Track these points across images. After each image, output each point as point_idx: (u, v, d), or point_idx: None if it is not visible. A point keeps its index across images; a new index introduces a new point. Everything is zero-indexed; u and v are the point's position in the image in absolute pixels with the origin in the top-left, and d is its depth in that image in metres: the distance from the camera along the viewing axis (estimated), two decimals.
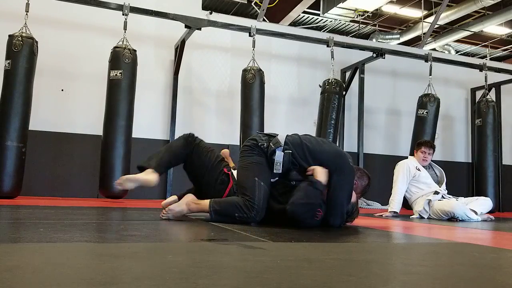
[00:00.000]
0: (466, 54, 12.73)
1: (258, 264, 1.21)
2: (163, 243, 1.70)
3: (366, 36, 11.61)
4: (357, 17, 10.67)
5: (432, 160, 4.54)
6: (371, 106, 6.86)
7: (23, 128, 4.47)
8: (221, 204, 2.52)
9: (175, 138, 2.72)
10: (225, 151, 2.88)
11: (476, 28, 10.49)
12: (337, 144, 6.22)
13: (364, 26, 11.58)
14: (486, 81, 6.67)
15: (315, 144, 2.62)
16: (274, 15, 9.00)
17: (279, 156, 2.54)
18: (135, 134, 5.10)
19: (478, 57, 12.26)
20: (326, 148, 2.63)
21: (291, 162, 2.55)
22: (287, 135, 2.66)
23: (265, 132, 2.88)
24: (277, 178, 2.60)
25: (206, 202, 2.54)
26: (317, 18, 10.93)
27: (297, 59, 6.75)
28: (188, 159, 2.77)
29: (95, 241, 1.63)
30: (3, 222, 2.25)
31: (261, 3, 7.30)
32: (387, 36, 11.28)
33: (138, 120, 5.24)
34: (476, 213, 4.03)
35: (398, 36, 11.28)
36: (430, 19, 9.97)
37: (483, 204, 4.19)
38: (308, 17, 10.94)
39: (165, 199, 5.83)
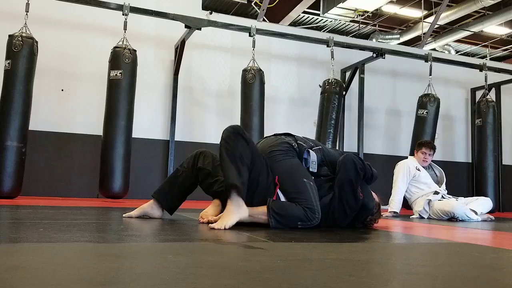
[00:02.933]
0: (466, 54, 12.73)
1: (258, 264, 1.21)
2: (163, 243, 1.70)
3: (366, 36, 11.61)
4: (357, 17, 10.67)
5: (432, 160, 4.54)
6: (371, 106, 6.87)
7: (23, 128, 4.47)
8: (280, 212, 2.30)
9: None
10: None
11: (476, 28, 10.49)
12: (337, 144, 6.23)
13: (364, 26, 11.58)
14: (486, 81, 6.67)
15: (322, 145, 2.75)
16: (274, 15, 9.00)
17: (313, 155, 2.53)
18: (135, 134, 5.11)
19: (478, 57, 12.26)
20: (331, 151, 2.74)
21: (321, 159, 2.57)
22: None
23: (278, 132, 2.73)
24: None
25: (262, 209, 2.31)
26: (317, 18, 10.93)
27: (297, 59, 6.75)
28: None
29: (95, 241, 1.63)
30: (3, 222, 2.25)
31: (261, 3, 7.31)
32: (387, 36, 11.28)
33: (138, 120, 5.24)
34: (476, 213, 4.03)
35: (398, 36, 11.28)
36: (430, 19, 9.97)
37: (483, 204, 4.19)
38: (308, 17, 10.94)
39: None
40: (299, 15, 10.32)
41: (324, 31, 11.15)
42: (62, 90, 5.52)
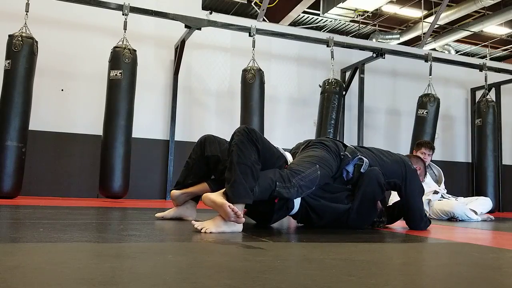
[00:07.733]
0: (466, 54, 12.73)
1: (258, 264, 1.21)
2: (163, 243, 1.70)
3: (366, 36, 11.61)
4: (357, 17, 10.67)
5: (431, 160, 4.53)
6: (371, 106, 6.86)
7: (23, 128, 4.47)
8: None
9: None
10: None
11: (476, 28, 10.49)
12: None
13: (364, 26, 11.58)
14: (486, 81, 6.67)
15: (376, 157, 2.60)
16: (274, 15, 9.00)
17: (351, 168, 2.45)
18: (135, 134, 5.11)
19: (478, 57, 12.26)
20: (386, 161, 2.59)
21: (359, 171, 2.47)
22: (355, 147, 2.61)
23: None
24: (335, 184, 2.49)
25: None
26: (317, 18, 10.93)
27: (297, 59, 6.75)
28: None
29: (95, 241, 1.63)
30: (3, 222, 2.25)
31: (261, 3, 7.30)
32: (387, 36, 11.28)
33: (138, 120, 5.24)
34: (476, 213, 4.03)
35: (398, 36, 11.28)
36: (430, 19, 9.97)
37: (483, 204, 4.19)
38: (308, 17, 10.94)
39: (165, 199, 5.85)
40: (299, 15, 10.32)
41: (324, 31, 11.14)
42: (62, 90, 5.51)
